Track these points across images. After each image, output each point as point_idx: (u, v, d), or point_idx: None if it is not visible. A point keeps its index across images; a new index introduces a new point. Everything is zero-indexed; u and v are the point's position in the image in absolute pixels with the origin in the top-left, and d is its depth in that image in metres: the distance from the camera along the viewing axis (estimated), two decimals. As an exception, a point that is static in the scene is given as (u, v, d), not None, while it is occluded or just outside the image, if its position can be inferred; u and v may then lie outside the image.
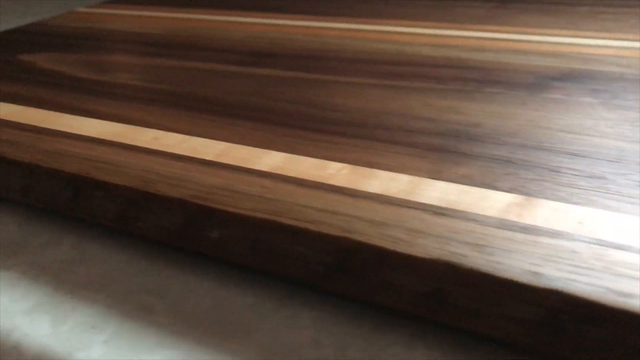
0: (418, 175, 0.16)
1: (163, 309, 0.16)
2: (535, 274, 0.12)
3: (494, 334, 0.13)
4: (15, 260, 0.18)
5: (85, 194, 0.18)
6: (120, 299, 0.16)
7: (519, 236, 0.13)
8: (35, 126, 0.22)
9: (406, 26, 0.31)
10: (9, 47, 0.33)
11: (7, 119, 0.23)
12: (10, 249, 0.19)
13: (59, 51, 0.31)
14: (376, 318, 0.15)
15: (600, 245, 0.13)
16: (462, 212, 0.14)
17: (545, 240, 0.13)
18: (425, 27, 0.31)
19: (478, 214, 0.14)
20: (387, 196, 0.15)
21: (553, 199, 0.15)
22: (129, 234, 0.18)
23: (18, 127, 0.22)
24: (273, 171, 0.17)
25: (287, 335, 0.15)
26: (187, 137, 0.20)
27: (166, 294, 0.16)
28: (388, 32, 0.30)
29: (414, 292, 0.13)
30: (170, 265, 0.18)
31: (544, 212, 0.14)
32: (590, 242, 0.13)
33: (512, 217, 0.14)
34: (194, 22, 0.36)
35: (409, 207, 0.15)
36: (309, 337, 0.15)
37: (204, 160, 0.18)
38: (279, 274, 0.15)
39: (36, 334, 0.15)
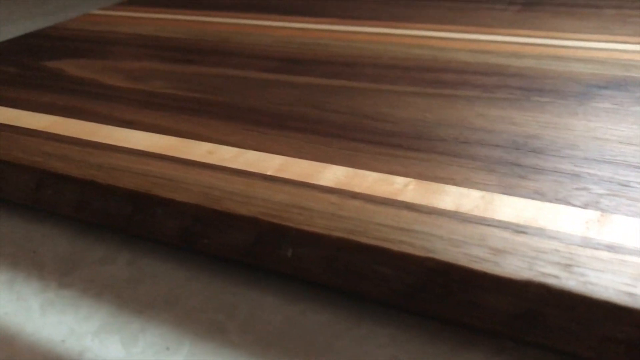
0: (488, 191, 0.16)
1: (235, 328, 0.16)
2: (631, 294, 0.12)
3: (588, 355, 0.13)
4: (73, 278, 0.18)
5: (145, 211, 0.18)
6: (190, 318, 0.16)
7: (605, 255, 0.13)
8: (79, 139, 0.21)
9: (436, 30, 0.31)
10: (32, 53, 0.32)
11: (48, 130, 0.22)
12: (65, 266, 0.19)
13: (84, 57, 0.31)
14: (454, 336, 0.15)
15: (688, 263, 0.13)
16: (541, 229, 0.14)
17: (633, 258, 0.13)
18: (456, 31, 0.30)
19: (558, 232, 0.14)
20: (462, 213, 0.15)
21: (630, 215, 0.15)
22: (192, 251, 0.18)
23: (61, 139, 0.21)
24: (338, 187, 0.17)
25: (365, 353, 0.15)
26: (241, 150, 0.19)
27: (235, 312, 0.16)
28: (418, 36, 0.30)
29: (503, 312, 0.13)
30: (234, 282, 0.17)
31: (624, 229, 0.14)
32: (676, 261, 0.13)
33: (593, 234, 0.14)
34: (216, 25, 0.35)
35: (487, 225, 0.15)
36: (388, 355, 0.14)
37: (265, 175, 0.18)
38: (356, 293, 0.15)
39: (109, 356, 0.15)
